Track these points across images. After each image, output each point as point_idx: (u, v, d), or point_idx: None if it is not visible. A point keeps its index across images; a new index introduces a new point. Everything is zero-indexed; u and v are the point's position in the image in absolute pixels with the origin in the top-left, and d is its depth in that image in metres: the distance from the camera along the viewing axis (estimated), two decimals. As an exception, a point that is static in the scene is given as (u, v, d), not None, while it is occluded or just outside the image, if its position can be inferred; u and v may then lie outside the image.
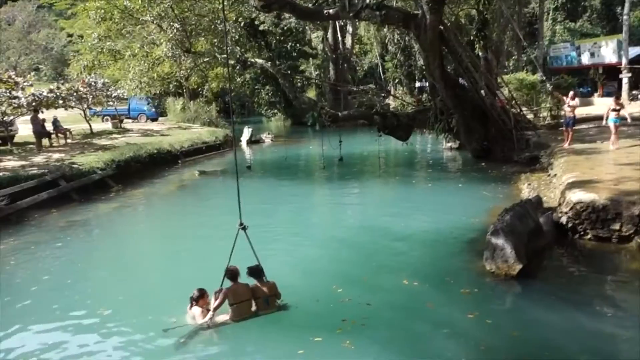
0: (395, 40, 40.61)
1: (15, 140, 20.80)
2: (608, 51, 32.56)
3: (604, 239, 8.89)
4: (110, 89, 25.24)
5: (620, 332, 6.04)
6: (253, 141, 29.58)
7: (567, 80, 24.38)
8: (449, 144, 22.59)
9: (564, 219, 9.46)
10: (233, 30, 20.65)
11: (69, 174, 15.46)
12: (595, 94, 33.60)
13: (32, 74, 33.91)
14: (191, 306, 6.75)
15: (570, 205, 9.38)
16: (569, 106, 16.04)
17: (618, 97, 15.41)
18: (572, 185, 10.16)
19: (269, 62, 21.20)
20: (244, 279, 6.85)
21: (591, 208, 9.04)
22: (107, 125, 28.01)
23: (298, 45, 41.16)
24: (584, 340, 5.88)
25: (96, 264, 9.56)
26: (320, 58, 44.52)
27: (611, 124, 14.52)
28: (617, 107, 14.55)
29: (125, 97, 28.75)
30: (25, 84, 20.13)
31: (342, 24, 37.04)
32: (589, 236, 9.07)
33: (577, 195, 9.39)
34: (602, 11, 43.29)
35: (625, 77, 28.48)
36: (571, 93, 16.71)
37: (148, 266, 9.76)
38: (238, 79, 35.65)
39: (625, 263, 8.27)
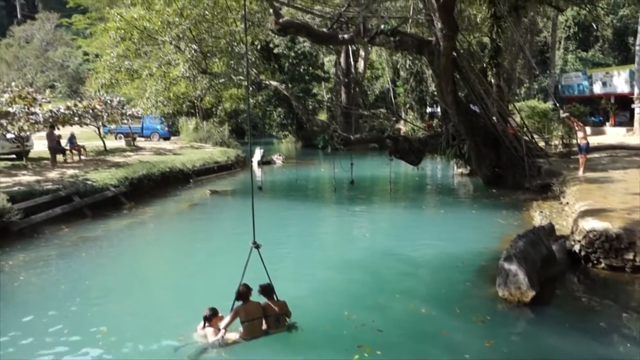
0: (407, 66, 40.94)
1: (30, 155, 21.09)
2: (620, 81, 32.67)
3: (617, 268, 8.83)
4: (125, 107, 25.64)
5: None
6: (264, 162, 29.76)
7: (579, 108, 24.39)
8: (460, 170, 22.59)
9: (576, 247, 9.42)
10: (249, 53, 21.00)
11: (83, 190, 15.59)
12: (607, 124, 33.64)
13: (48, 91, 34.50)
14: (204, 326, 6.76)
15: (583, 233, 9.33)
16: (578, 126, 16.24)
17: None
18: (585, 214, 10.11)
19: (283, 85, 21.43)
20: (255, 297, 6.87)
21: (604, 237, 8.99)
22: (121, 143, 28.38)
23: (311, 68, 41.66)
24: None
25: (105, 282, 9.54)
26: (332, 82, 44.92)
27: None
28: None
29: (139, 115, 29.13)
30: (44, 100, 20.46)
31: (355, 48, 37.45)
32: (602, 265, 9.01)
33: (590, 224, 9.34)
34: (614, 41, 43.50)
35: (637, 107, 28.51)
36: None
37: (158, 284, 9.78)
38: (251, 101, 36.06)
39: (639, 293, 8.18)
